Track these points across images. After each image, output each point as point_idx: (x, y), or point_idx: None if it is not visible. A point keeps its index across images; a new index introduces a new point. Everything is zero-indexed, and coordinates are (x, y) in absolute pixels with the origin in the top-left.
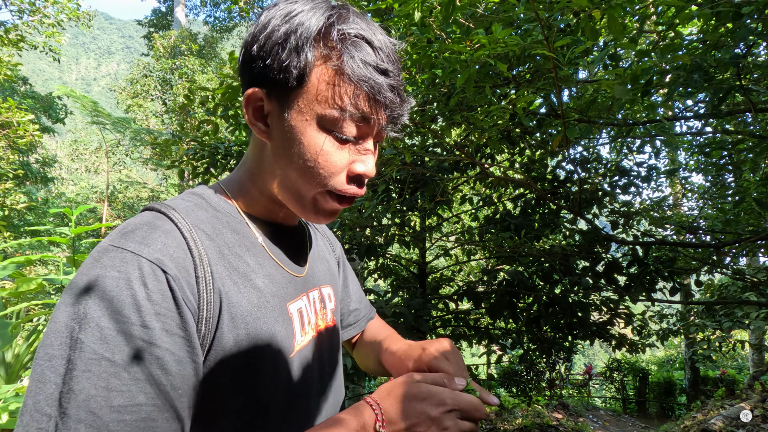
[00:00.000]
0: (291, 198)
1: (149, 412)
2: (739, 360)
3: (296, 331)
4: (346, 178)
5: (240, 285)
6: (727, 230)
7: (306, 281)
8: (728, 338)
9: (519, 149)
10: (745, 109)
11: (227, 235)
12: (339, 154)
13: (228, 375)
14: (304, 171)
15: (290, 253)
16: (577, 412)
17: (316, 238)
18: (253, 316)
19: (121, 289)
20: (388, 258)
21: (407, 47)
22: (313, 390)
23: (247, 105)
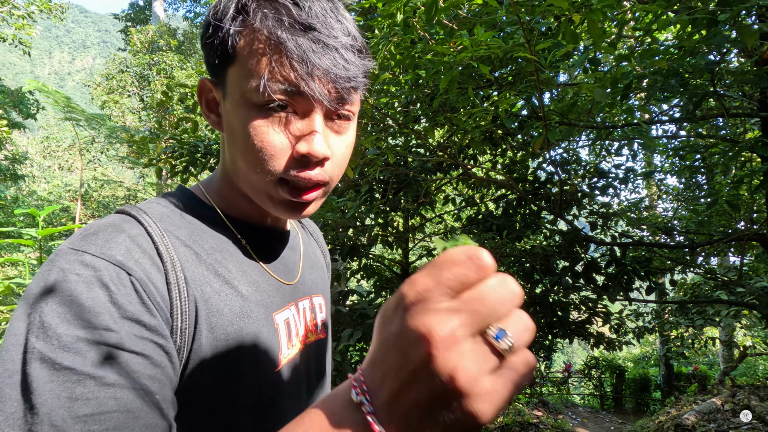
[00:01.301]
0: (250, 191)
1: (121, 420)
2: (710, 356)
3: (282, 344)
4: (294, 161)
5: (221, 292)
6: (700, 231)
7: (296, 290)
8: (700, 335)
9: (501, 151)
10: (718, 114)
11: (206, 241)
12: (276, 133)
13: (207, 390)
14: (246, 157)
15: (280, 259)
16: (556, 410)
17: (310, 245)
18: (235, 326)
19: (81, 293)
20: (372, 258)
21: (391, 47)
22: (301, 406)
23: (200, 97)
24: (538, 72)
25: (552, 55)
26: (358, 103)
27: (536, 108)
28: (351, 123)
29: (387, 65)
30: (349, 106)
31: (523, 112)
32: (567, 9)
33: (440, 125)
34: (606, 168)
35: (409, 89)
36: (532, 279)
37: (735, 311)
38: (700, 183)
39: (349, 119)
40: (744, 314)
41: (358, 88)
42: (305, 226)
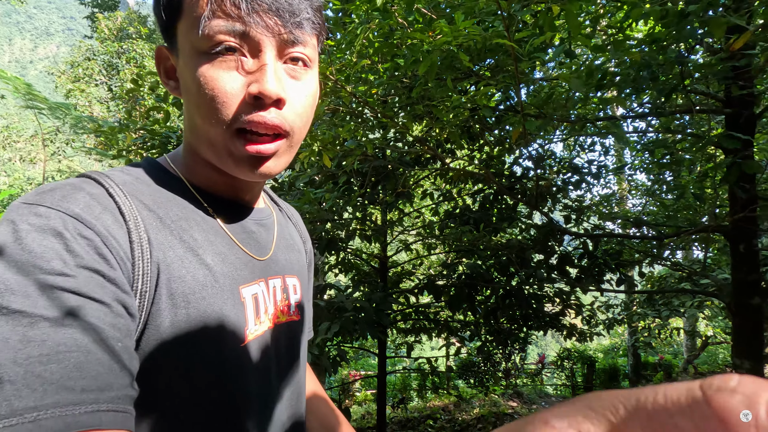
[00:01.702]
0: (211, 152)
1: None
2: (674, 346)
3: (249, 319)
4: (246, 105)
5: (184, 259)
6: (668, 224)
7: (267, 266)
8: (666, 326)
9: (478, 146)
10: (686, 109)
11: (171, 209)
12: (227, 77)
13: (165, 360)
14: (200, 109)
15: (251, 234)
16: (531, 400)
17: (287, 226)
18: (197, 295)
19: (31, 240)
20: (349, 252)
21: (369, 34)
22: (271, 387)
23: (158, 66)
24: (517, 61)
25: (530, 45)
26: (313, 48)
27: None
28: (309, 71)
29: (365, 52)
30: (301, 48)
31: (500, 107)
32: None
33: (419, 117)
34: (579, 164)
35: (388, 78)
36: (508, 272)
37: (698, 302)
38: (667, 179)
39: (306, 65)
40: (706, 305)
41: (304, 25)
42: (283, 208)
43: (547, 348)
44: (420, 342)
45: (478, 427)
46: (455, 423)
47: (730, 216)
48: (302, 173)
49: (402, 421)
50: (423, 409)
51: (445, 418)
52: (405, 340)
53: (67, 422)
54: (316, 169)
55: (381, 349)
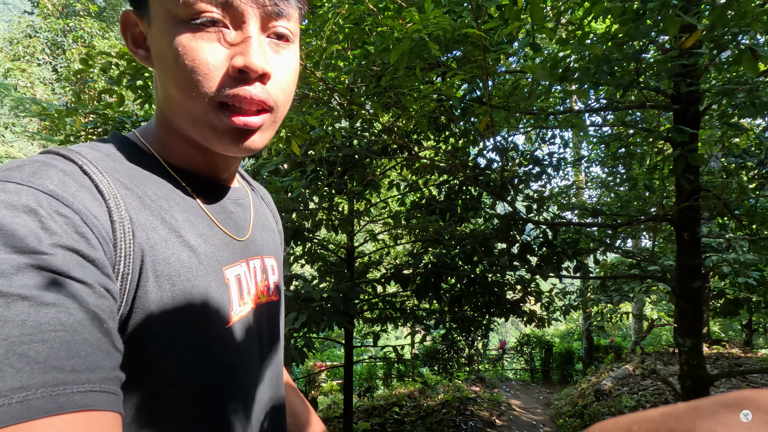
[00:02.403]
0: (190, 126)
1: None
2: (623, 329)
3: (234, 300)
4: (230, 79)
5: (168, 240)
6: (621, 213)
7: (247, 247)
8: (617, 311)
9: (444, 137)
10: (638, 104)
11: (149, 187)
12: (208, 49)
13: (152, 344)
14: (178, 82)
15: (229, 214)
16: (492, 384)
17: (261, 206)
18: (182, 277)
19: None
20: (316, 242)
21: (339, 20)
22: (254, 369)
23: (125, 32)
24: (485, 51)
25: (498, 35)
26: (296, 22)
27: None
28: (292, 46)
29: (335, 38)
30: (285, 22)
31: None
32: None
33: (387, 107)
34: (540, 156)
35: (357, 65)
36: (472, 260)
37: (646, 287)
38: (621, 171)
39: (289, 40)
40: (653, 290)
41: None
42: (255, 188)
43: (508, 334)
44: (386, 331)
45: (443, 412)
46: (420, 409)
47: (676, 205)
48: (268, 161)
49: (368, 409)
50: (389, 397)
51: (411, 404)
52: (371, 329)
53: (59, 402)
54: (282, 158)
55: (348, 338)
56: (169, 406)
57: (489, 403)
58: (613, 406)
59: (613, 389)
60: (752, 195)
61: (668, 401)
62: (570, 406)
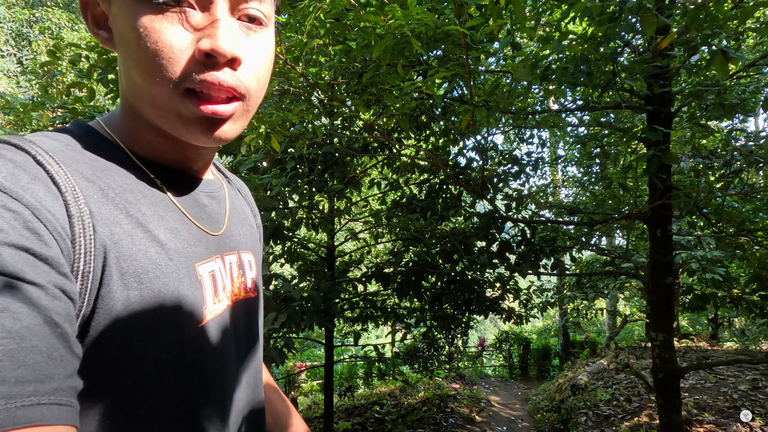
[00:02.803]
0: (155, 113)
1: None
2: (598, 325)
3: (207, 297)
4: (197, 63)
5: (134, 235)
6: (597, 212)
7: (222, 242)
8: (592, 307)
9: (425, 135)
10: (614, 105)
11: (113, 179)
12: (172, 30)
13: (119, 346)
14: (141, 66)
15: (203, 207)
16: (472, 381)
17: (237, 199)
18: (151, 274)
19: None
20: (296, 241)
21: (320, 14)
22: (230, 370)
23: (84, 11)
24: (467, 49)
25: (480, 33)
26: (270, 5)
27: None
28: (266, 30)
29: (316, 33)
30: (257, 4)
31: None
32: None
33: (369, 104)
34: (519, 155)
35: (338, 62)
36: (452, 258)
37: (620, 284)
38: (596, 171)
39: (262, 24)
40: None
41: None
42: (231, 181)
43: (487, 331)
44: (367, 330)
45: (423, 410)
46: (401, 407)
47: (649, 204)
48: (246, 158)
49: (349, 408)
50: (369, 396)
51: (391, 403)
52: (352, 328)
53: (0, 418)
54: (261, 155)
55: (328, 338)
56: (140, 411)
57: (469, 400)
58: (589, 400)
59: (589, 383)
60: (719, 194)
61: (641, 394)
62: (547, 401)
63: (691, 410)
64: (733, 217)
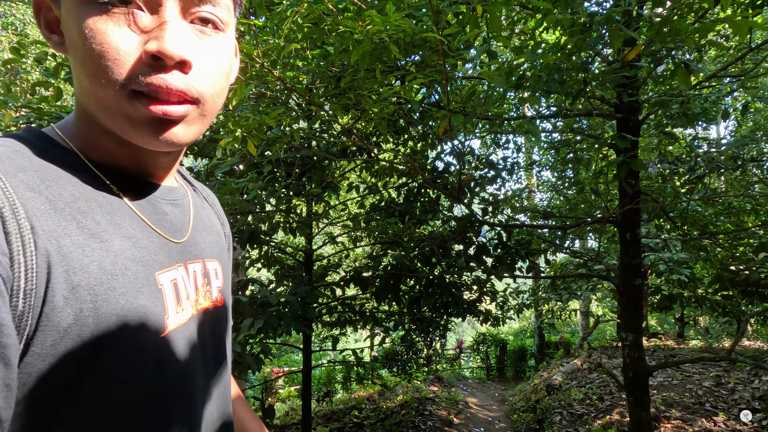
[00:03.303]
0: (102, 115)
1: None
2: (572, 326)
3: (169, 306)
4: (144, 66)
5: (86, 247)
6: (570, 216)
7: (185, 250)
8: (566, 308)
9: (403, 140)
10: (585, 113)
11: (65, 188)
12: (118, 32)
13: (71, 362)
14: (88, 68)
15: (164, 214)
16: (450, 384)
17: (203, 207)
18: (106, 286)
19: None
20: (273, 246)
21: (298, 18)
22: (196, 382)
23: (38, 16)
24: (444, 56)
25: (457, 41)
26: (227, 10)
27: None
28: (223, 35)
29: (293, 37)
30: (211, 8)
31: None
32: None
33: (347, 108)
34: (495, 160)
35: (316, 66)
36: (430, 262)
37: (592, 285)
38: (569, 176)
39: (218, 27)
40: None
41: None
42: (197, 189)
43: (464, 333)
44: (345, 334)
45: (402, 413)
46: (379, 411)
47: (619, 208)
48: (222, 162)
49: (327, 414)
50: (348, 401)
51: (370, 407)
52: (330, 333)
53: None
54: (238, 158)
55: (306, 343)
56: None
57: (447, 402)
58: (563, 399)
59: (563, 383)
60: (684, 199)
61: (612, 393)
62: (523, 402)
63: (660, 407)
64: (697, 221)
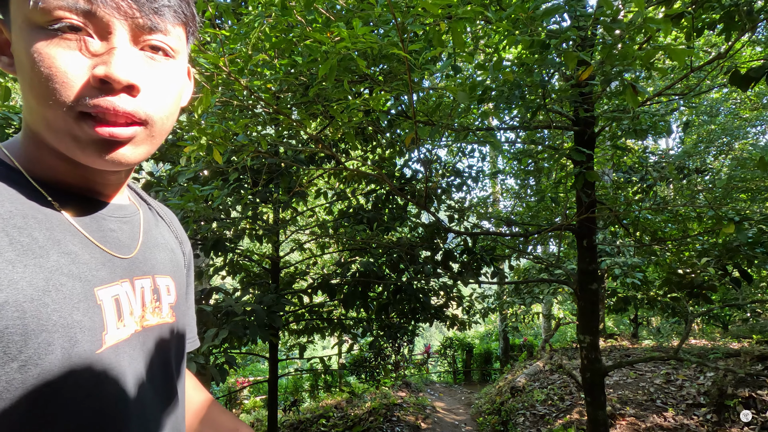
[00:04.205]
0: (52, 136)
1: None
2: (535, 328)
3: (108, 323)
4: (91, 89)
5: (17, 263)
6: (531, 223)
7: (133, 266)
8: (529, 311)
9: (371, 147)
10: (545, 125)
11: (3, 204)
12: (67, 57)
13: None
14: (35, 90)
15: (110, 231)
16: (418, 389)
17: (157, 226)
18: (37, 302)
19: None
20: (238, 253)
21: (266, 28)
22: (138, 402)
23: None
24: (410, 71)
25: (422, 57)
26: (178, 39)
27: (406, 106)
28: (174, 61)
29: (261, 47)
30: (161, 36)
31: (392, 111)
32: (438, 14)
33: (314, 116)
34: (461, 168)
35: (284, 75)
36: (398, 268)
37: (553, 289)
38: (531, 184)
39: (168, 54)
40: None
41: (164, 12)
42: (153, 207)
43: (432, 338)
44: (313, 342)
45: (370, 420)
46: (347, 419)
47: (577, 216)
48: (186, 168)
49: (294, 424)
50: (315, 409)
51: (338, 415)
52: (297, 341)
53: None
54: (202, 165)
55: (272, 352)
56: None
57: (414, 408)
58: (527, 400)
59: (527, 385)
60: (636, 207)
61: (572, 393)
62: (489, 404)
63: (615, 405)
64: (648, 228)
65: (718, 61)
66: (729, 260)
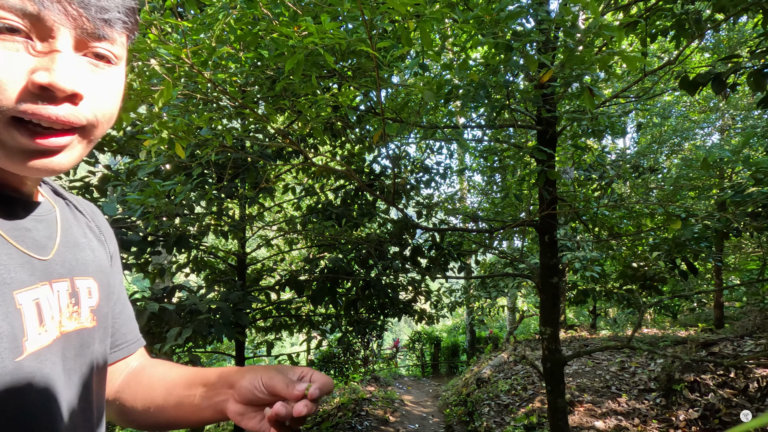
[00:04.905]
0: None
1: None
2: (500, 321)
3: (29, 329)
4: (30, 95)
5: None
6: (497, 219)
7: (50, 268)
8: (495, 305)
9: (340, 142)
10: (510, 124)
11: None
12: (3, 59)
13: None
14: None
15: (26, 231)
16: (386, 383)
17: (76, 223)
18: None
19: None
20: (202, 250)
21: (230, 21)
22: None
23: None
24: (378, 68)
25: (390, 55)
26: (121, 46)
27: (374, 103)
28: (115, 69)
29: (226, 39)
30: (108, 45)
31: (361, 107)
32: (405, 12)
33: (282, 110)
34: (429, 165)
35: (250, 68)
36: (367, 264)
37: (517, 283)
38: (497, 180)
39: (111, 62)
40: (523, 285)
41: (114, 24)
42: (71, 203)
43: (401, 332)
44: (281, 339)
45: (339, 416)
46: (316, 415)
47: (539, 213)
48: (146, 162)
49: None
50: None
51: None
52: (265, 338)
53: None
54: (164, 159)
55: (239, 350)
56: None
57: (383, 401)
58: (491, 391)
59: (492, 376)
60: (595, 204)
61: (534, 382)
62: (455, 396)
63: (574, 392)
64: (605, 223)
65: (670, 66)
66: (678, 254)
